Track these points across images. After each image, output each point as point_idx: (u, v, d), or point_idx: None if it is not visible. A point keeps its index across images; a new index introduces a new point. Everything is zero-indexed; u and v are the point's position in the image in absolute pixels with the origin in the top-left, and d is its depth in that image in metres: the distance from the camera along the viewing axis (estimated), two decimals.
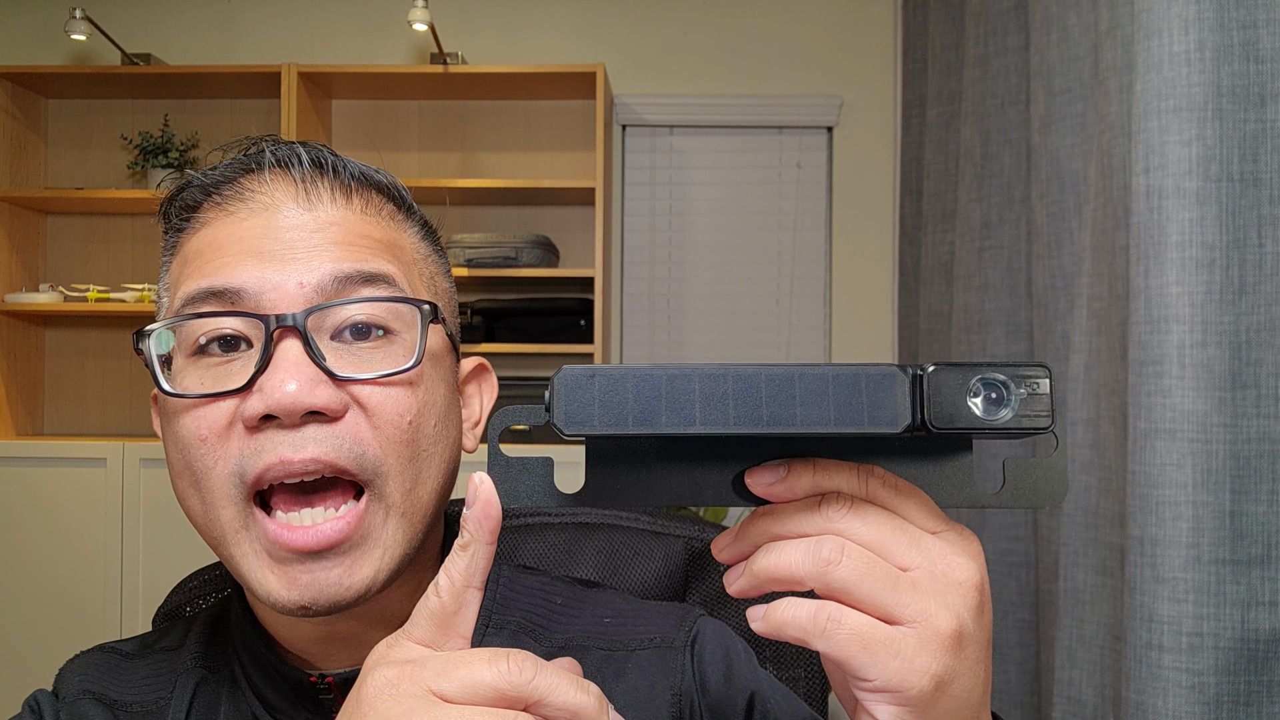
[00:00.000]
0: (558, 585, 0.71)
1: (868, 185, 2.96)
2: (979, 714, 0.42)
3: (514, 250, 2.73)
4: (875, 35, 2.96)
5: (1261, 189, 1.09)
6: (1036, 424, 0.39)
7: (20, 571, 2.59)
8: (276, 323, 0.55)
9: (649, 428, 0.39)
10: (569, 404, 0.39)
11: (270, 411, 0.54)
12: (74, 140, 3.02)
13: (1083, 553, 1.36)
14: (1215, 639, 1.07)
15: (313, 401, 0.54)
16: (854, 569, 0.39)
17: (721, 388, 0.39)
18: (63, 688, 0.67)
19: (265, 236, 0.58)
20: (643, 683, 0.65)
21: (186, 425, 0.56)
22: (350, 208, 0.61)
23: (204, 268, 0.58)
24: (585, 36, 3.00)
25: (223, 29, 3.02)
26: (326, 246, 0.58)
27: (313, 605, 0.55)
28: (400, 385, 0.57)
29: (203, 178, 0.62)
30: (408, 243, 0.64)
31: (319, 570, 0.54)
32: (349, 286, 0.58)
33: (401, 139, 3.00)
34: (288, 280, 0.57)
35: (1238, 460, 1.09)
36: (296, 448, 0.54)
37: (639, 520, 0.86)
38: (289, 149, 0.62)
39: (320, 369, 0.55)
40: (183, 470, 0.57)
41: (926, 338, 2.22)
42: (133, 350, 2.97)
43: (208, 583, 0.83)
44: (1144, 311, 1.14)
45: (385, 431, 0.56)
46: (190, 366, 0.58)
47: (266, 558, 0.55)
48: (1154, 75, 1.13)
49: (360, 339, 0.58)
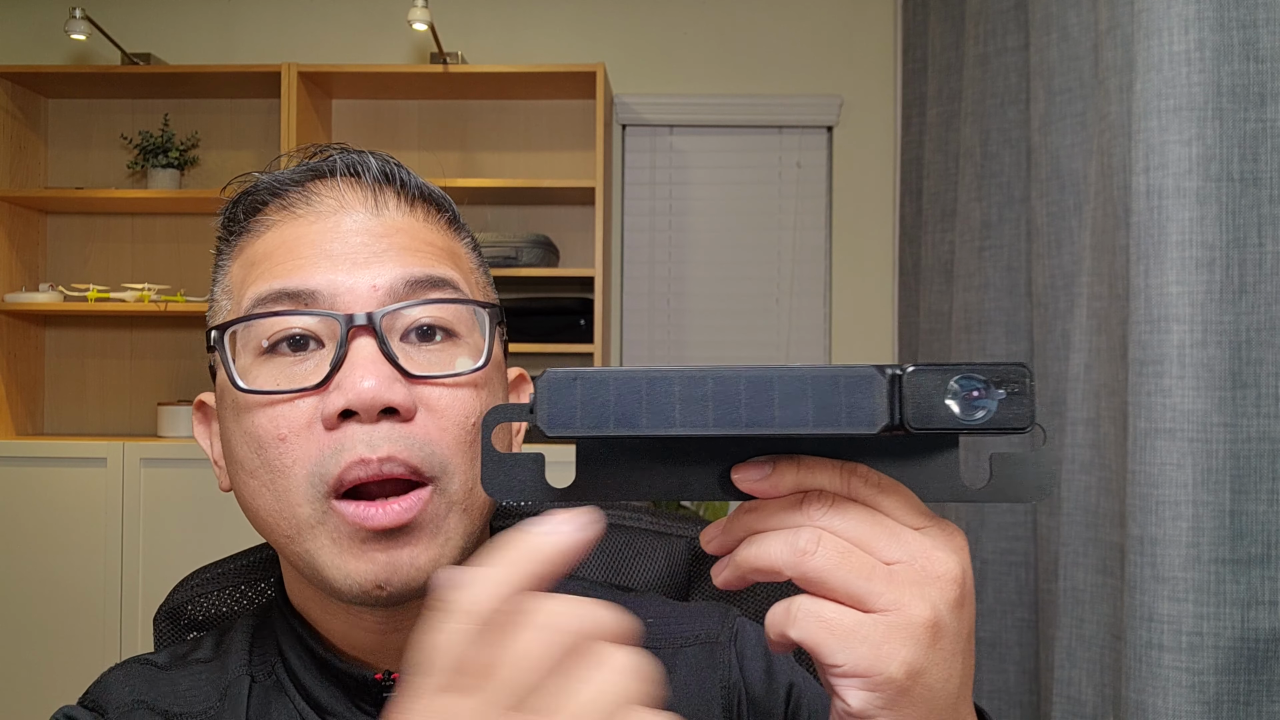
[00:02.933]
0: (597, 590, 0.73)
1: (868, 185, 2.96)
2: (957, 706, 0.42)
3: (514, 250, 2.73)
4: (875, 35, 2.96)
5: (1261, 188, 1.09)
6: (1016, 424, 0.40)
7: (20, 571, 2.59)
8: (352, 322, 0.56)
9: (630, 429, 0.39)
10: (552, 406, 0.40)
11: (350, 407, 0.55)
12: (74, 140, 3.02)
13: (1082, 552, 1.36)
14: (1215, 638, 1.08)
15: (390, 398, 0.55)
16: (829, 559, 0.40)
17: (701, 390, 0.39)
18: (110, 698, 0.65)
19: (335, 239, 0.60)
20: (692, 679, 0.66)
21: (263, 424, 0.57)
22: (414, 216, 0.63)
23: (274, 269, 0.59)
24: (585, 36, 3.00)
25: (223, 29, 3.02)
26: (395, 251, 0.60)
27: (388, 584, 0.56)
28: (466, 387, 0.59)
29: (271, 180, 0.63)
30: (463, 252, 0.67)
31: (393, 548, 0.56)
32: (418, 290, 0.59)
33: (401, 139, 3.00)
34: (360, 282, 0.58)
35: (1237, 460, 1.09)
36: (373, 446, 0.55)
37: (641, 520, 0.86)
38: (359, 156, 0.64)
39: (395, 367, 0.56)
40: (256, 468, 0.58)
41: (926, 337, 2.22)
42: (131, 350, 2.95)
43: (209, 581, 0.83)
44: (1144, 311, 1.15)
45: (451, 432, 0.58)
46: (259, 366, 0.58)
47: (345, 542, 0.56)
48: (1154, 75, 1.13)
49: (425, 341, 0.59)
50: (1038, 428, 0.41)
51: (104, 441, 2.63)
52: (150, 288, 2.73)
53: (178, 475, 2.56)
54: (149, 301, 2.71)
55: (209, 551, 0.84)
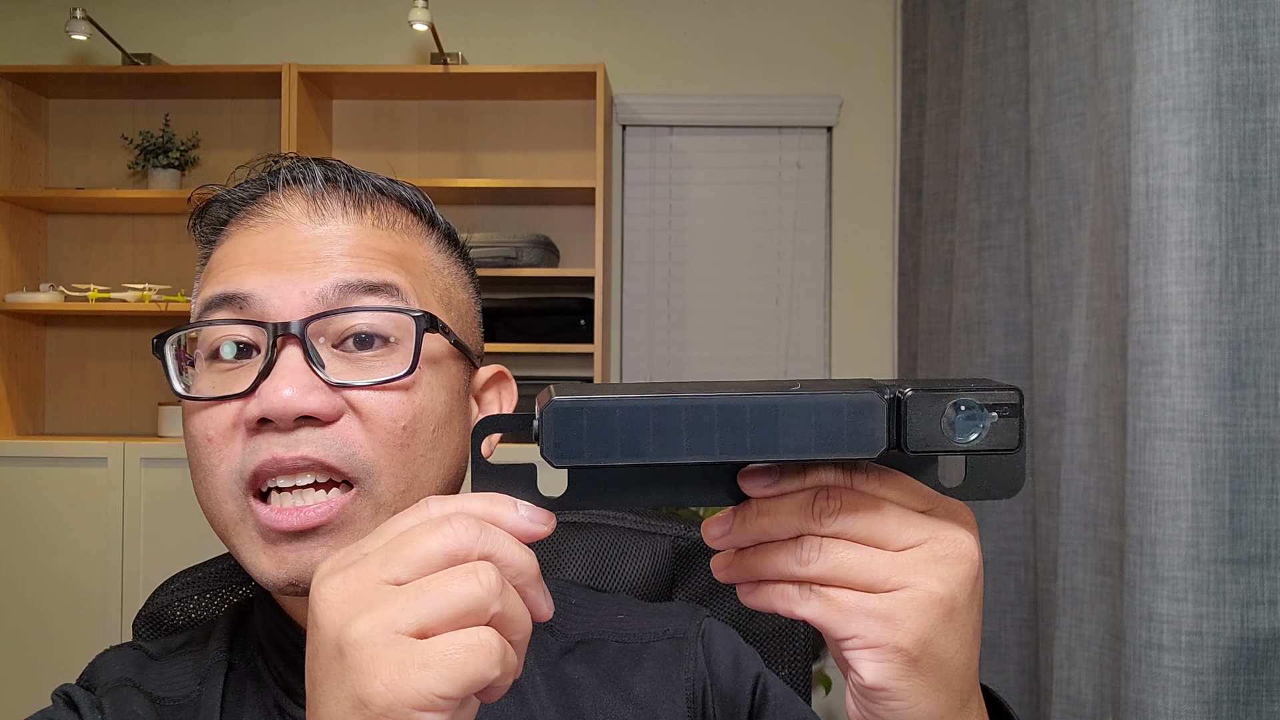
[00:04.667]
0: (572, 588, 0.76)
1: (868, 185, 2.96)
2: (967, 677, 0.44)
3: (514, 250, 2.73)
4: (875, 35, 2.97)
5: (1261, 188, 1.09)
6: (1006, 445, 0.41)
7: (20, 571, 2.59)
8: (278, 330, 0.58)
9: (636, 458, 0.40)
10: (559, 437, 0.40)
11: (265, 415, 0.57)
12: (74, 140, 3.02)
13: (1082, 552, 1.37)
14: (1214, 638, 1.08)
15: (304, 406, 0.57)
16: (830, 562, 0.42)
17: (707, 418, 0.40)
18: (99, 677, 0.68)
19: (278, 249, 0.62)
20: (657, 671, 0.69)
21: (196, 426, 0.60)
22: (361, 221, 0.64)
23: (219, 276, 0.62)
24: (585, 36, 3.00)
25: (223, 29, 3.02)
26: (335, 258, 0.62)
27: (299, 582, 0.58)
28: (395, 391, 0.60)
29: (226, 195, 0.66)
30: (422, 255, 0.67)
31: (304, 550, 0.58)
32: (351, 295, 0.61)
33: (401, 139, 3.00)
34: (291, 290, 0.60)
35: (1237, 459, 1.09)
36: (289, 447, 0.57)
37: (626, 519, 0.88)
38: (304, 166, 0.66)
39: (316, 375, 0.58)
40: (195, 467, 0.61)
41: (926, 337, 2.22)
42: (132, 350, 2.95)
43: (190, 584, 0.82)
44: (1143, 311, 1.15)
45: (378, 435, 0.59)
46: (206, 371, 0.61)
47: (260, 541, 0.59)
48: (1153, 75, 1.13)
49: (363, 348, 0.61)
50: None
51: (104, 441, 2.63)
52: (151, 288, 2.73)
53: (178, 475, 2.56)
54: (149, 302, 2.71)
55: (209, 551, 0.84)
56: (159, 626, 0.82)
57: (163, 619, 0.82)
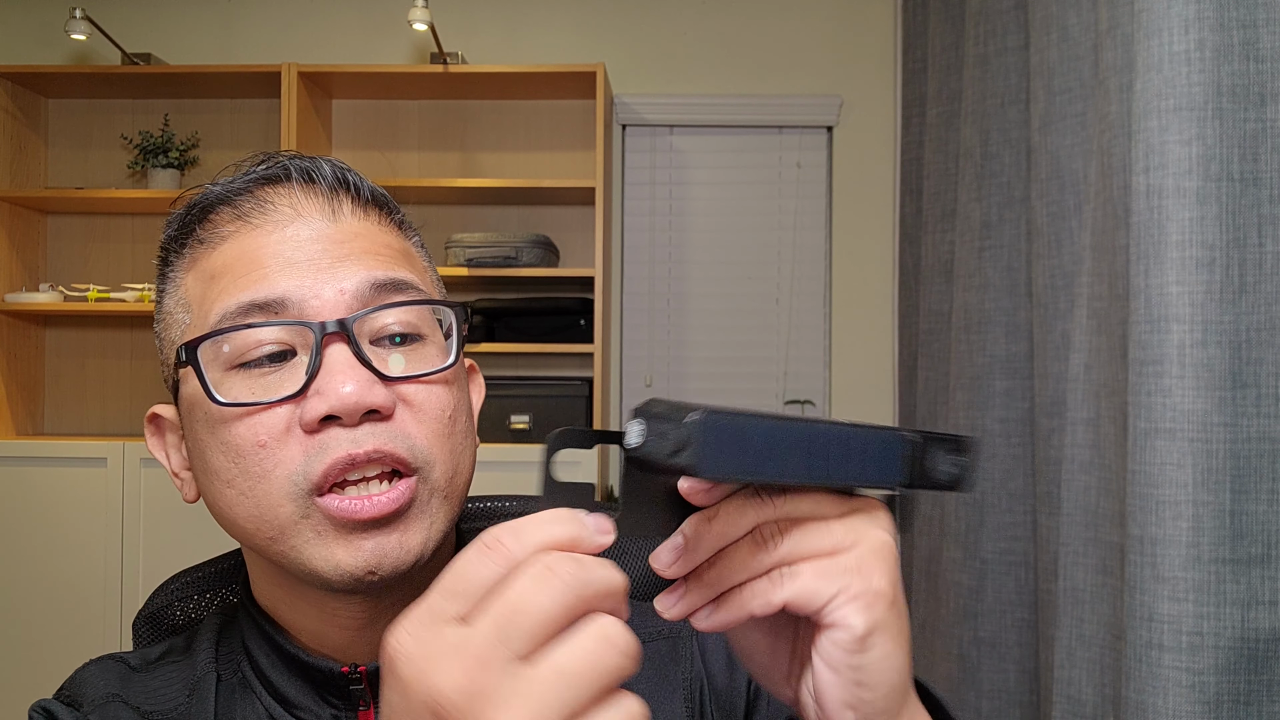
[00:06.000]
0: None
1: (868, 185, 2.96)
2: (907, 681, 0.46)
3: (514, 250, 2.73)
4: (875, 35, 2.96)
5: (1261, 188, 1.09)
6: (966, 488, 0.48)
7: (20, 571, 2.59)
8: (325, 329, 0.58)
9: (778, 477, 0.42)
10: (707, 449, 0.40)
11: (333, 412, 0.57)
12: (74, 140, 3.02)
13: (1082, 552, 1.36)
14: (1215, 638, 1.08)
15: (371, 401, 0.57)
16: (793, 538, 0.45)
17: (825, 445, 0.44)
18: (84, 693, 0.66)
19: (295, 247, 0.61)
20: (654, 671, 0.70)
21: (241, 433, 0.58)
22: (369, 220, 0.65)
23: (238, 281, 0.60)
24: (585, 36, 3.00)
25: (223, 29, 3.02)
26: (356, 256, 0.62)
27: (378, 569, 0.58)
28: (439, 383, 0.62)
29: (224, 189, 0.64)
30: (415, 253, 0.69)
31: (380, 536, 0.58)
32: (383, 293, 0.61)
33: (401, 139, 3.00)
34: (326, 289, 0.60)
35: (1238, 460, 1.09)
36: (357, 443, 0.57)
37: None
38: (311, 162, 0.65)
39: (372, 370, 0.58)
40: (234, 477, 0.59)
41: (926, 337, 2.22)
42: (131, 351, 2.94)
43: (189, 585, 0.82)
44: (1144, 311, 1.15)
45: (430, 425, 0.60)
46: (234, 378, 0.59)
47: (331, 533, 0.58)
48: (1154, 75, 1.13)
49: (400, 343, 0.62)
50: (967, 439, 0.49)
51: (104, 441, 2.63)
52: (150, 288, 2.73)
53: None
54: (149, 301, 2.71)
55: (208, 552, 0.84)
56: (158, 626, 0.81)
57: (162, 619, 0.81)
